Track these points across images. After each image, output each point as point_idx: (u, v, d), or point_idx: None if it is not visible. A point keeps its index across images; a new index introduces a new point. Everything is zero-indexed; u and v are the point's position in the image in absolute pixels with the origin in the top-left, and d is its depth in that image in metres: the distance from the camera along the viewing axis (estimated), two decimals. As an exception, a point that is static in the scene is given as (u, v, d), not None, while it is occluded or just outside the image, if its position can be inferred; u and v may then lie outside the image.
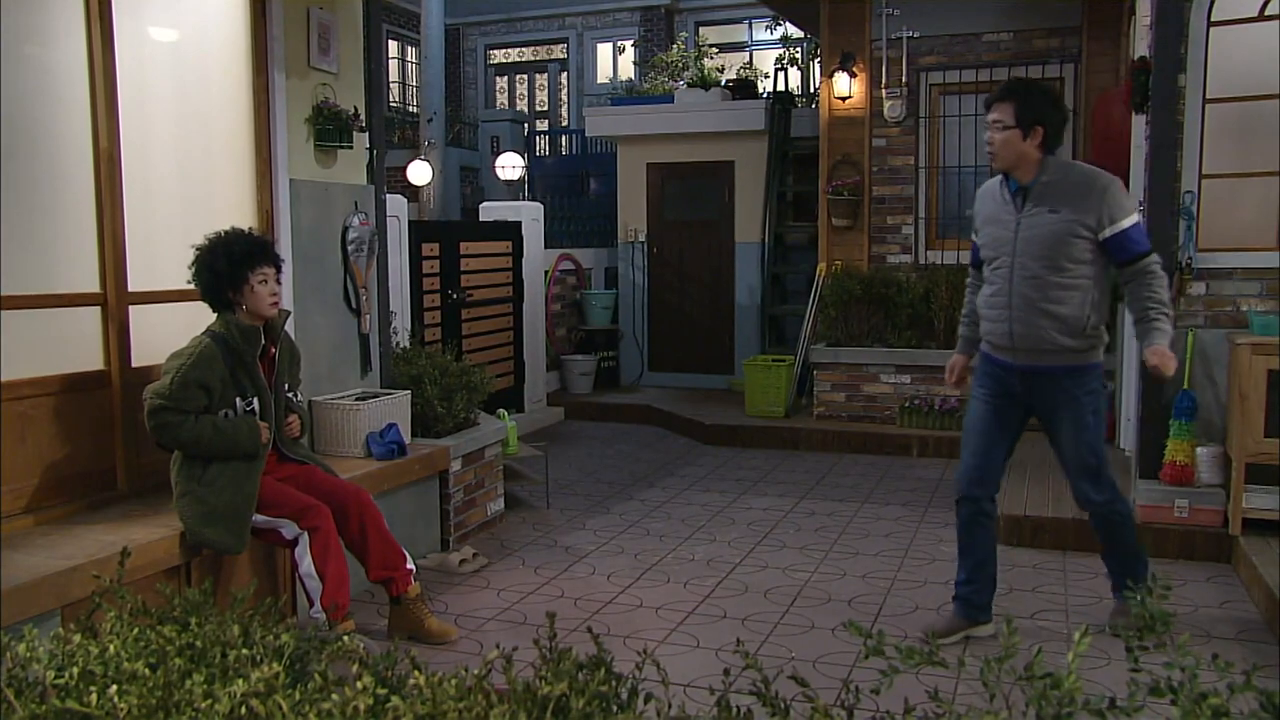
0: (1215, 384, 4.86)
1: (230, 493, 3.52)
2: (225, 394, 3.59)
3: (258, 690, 1.28)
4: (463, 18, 17.25)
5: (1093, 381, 3.67)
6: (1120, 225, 3.52)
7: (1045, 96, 3.61)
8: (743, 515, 5.63)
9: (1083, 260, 3.55)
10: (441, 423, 5.15)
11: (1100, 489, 3.72)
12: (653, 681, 1.35)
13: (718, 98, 9.56)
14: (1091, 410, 3.68)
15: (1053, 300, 3.56)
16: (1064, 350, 3.60)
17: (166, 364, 3.58)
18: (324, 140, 4.75)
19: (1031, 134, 3.53)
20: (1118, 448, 6.38)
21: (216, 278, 3.62)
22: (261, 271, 3.64)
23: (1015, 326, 3.63)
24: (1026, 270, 3.59)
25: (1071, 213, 3.53)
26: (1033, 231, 3.58)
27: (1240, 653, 3.68)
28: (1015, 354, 3.68)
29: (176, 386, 3.48)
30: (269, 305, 3.67)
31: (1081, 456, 3.71)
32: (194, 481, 3.53)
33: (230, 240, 3.66)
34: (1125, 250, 3.55)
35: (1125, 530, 3.79)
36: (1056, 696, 1.15)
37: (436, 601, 4.27)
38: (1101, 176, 3.58)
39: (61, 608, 3.07)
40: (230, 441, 3.55)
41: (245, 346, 3.64)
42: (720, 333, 9.67)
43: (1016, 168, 3.60)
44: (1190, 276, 4.86)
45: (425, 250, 6.72)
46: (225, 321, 3.64)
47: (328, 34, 4.78)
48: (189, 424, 3.49)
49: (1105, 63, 7.40)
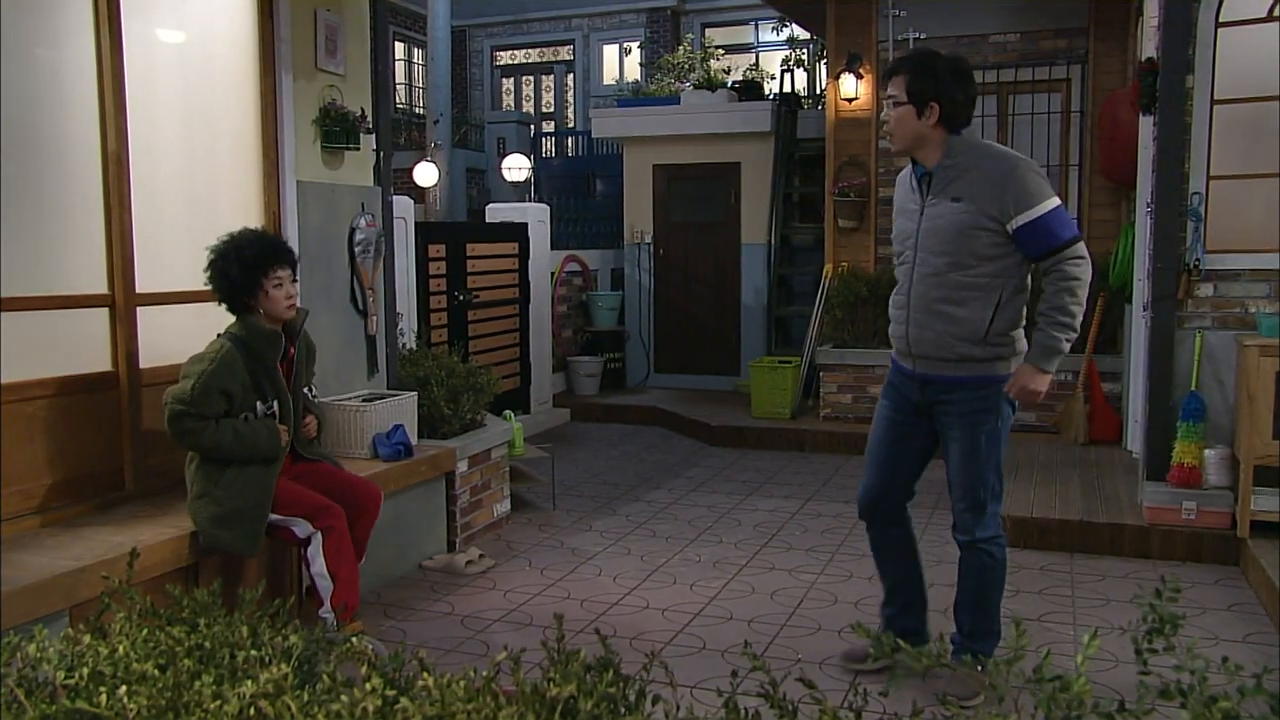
0: (1223, 386, 4.85)
1: (246, 496, 3.52)
2: (246, 398, 3.57)
3: (266, 691, 1.28)
4: (469, 19, 17.27)
5: (990, 399, 3.20)
6: (1030, 214, 3.06)
7: (945, 69, 3.13)
8: (749, 517, 5.63)
9: (989, 256, 3.11)
10: (448, 424, 5.15)
11: (984, 525, 3.28)
12: (660, 683, 1.35)
13: (724, 99, 9.56)
14: (986, 432, 3.22)
15: (952, 301, 3.15)
16: (963, 360, 3.17)
17: (187, 368, 3.55)
18: (331, 142, 4.76)
19: (927, 111, 3.11)
20: (1125, 449, 6.37)
21: (230, 285, 3.58)
22: (276, 275, 3.59)
23: (912, 330, 3.24)
24: (927, 266, 3.19)
25: (974, 201, 3.09)
26: (934, 223, 3.17)
27: (1249, 655, 3.67)
28: (913, 360, 3.29)
29: (198, 393, 3.45)
30: (285, 308, 3.63)
31: (968, 483, 3.26)
32: (211, 483, 3.52)
33: (241, 244, 3.61)
34: (1036, 243, 3.10)
35: (992, 582, 3.33)
36: (1066, 699, 1.14)
37: (443, 602, 4.28)
38: (1008, 159, 3.15)
39: (70, 608, 3.07)
40: (250, 446, 3.53)
41: (266, 351, 3.60)
42: (726, 334, 9.67)
43: (917, 150, 3.20)
44: (1198, 278, 4.85)
45: (431, 252, 6.72)
46: (245, 325, 3.61)
47: (335, 36, 4.79)
48: (210, 429, 3.47)
49: (1113, 64, 7.39)
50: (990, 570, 3.31)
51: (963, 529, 3.31)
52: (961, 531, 3.32)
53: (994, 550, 3.30)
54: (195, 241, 4.28)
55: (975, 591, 3.33)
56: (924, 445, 3.38)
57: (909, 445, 3.38)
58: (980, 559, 3.30)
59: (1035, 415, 7.22)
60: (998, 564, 3.32)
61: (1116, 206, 7.41)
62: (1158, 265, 4.86)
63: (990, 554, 3.30)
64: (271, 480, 3.58)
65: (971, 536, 3.29)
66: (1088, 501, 5.23)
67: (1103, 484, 5.61)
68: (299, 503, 3.62)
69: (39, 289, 3.61)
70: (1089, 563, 4.70)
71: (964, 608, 3.37)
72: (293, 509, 3.61)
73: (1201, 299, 4.89)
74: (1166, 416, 4.84)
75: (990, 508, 3.28)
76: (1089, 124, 7.47)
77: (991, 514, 3.29)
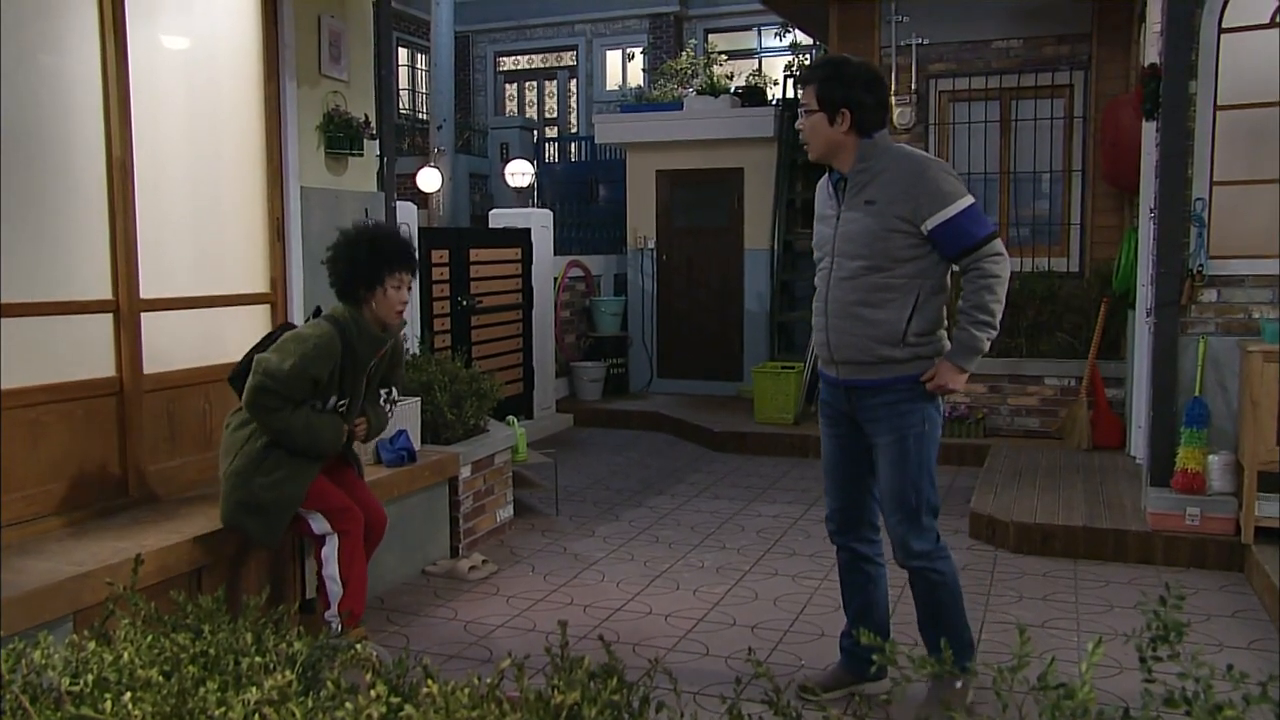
0: (1226, 391, 4.84)
1: (284, 491, 3.46)
2: (326, 390, 3.50)
3: (271, 698, 1.28)
4: (472, 25, 17.31)
5: (913, 400, 3.13)
6: (943, 215, 3.02)
7: (853, 75, 3.11)
8: (752, 522, 5.62)
9: (905, 258, 3.08)
10: (451, 429, 5.16)
11: (920, 537, 3.16)
12: (664, 690, 1.35)
13: (727, 105, 9.57)
14: (914, 435, 3.13)
15: (868, 304, 3.10)
16: (883, 361, 3.12)
17: (285, 343, 3.44)
18: (334, 148, 4.77)
19: (839, 118, 3.09)
20: (1128, 455, 6.36)
21: (354, 268, 3.48)
22: (399, 276, 3.51)
23: (831, 335, 3.19)
24: (843, 270, 3.15)
25: (887, 204, 3.07)
26: (849, 227, 3.14)
27: (1254, 662, 3.66)
28: (837, 367, 3.22)
29: (292, 374, 3.36)
30: (395, 314, 3.55)
31: (898, 492, 3.15)
32: (254, 468, 3.45)
33: (379, 235, 3.53)
34: (951, 243, 3.05)
35: (945, 595, 3.20)
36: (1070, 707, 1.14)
37: (446, 608, 4.28)
38: (918, 161, 3.12)
39: (73, 614, 3.07)
40: (315, 439, 3.46)
41: (365, 351, 3.51)
42: (729, 339, 9.67)
43: (833, 156, 3.17)
44: (1201, 283, 4.85)
45: (435, 257, 6.72)
46: (352, 316, 3.50)
47: (339, 42, 4.80)
48: (286, 412, 3.39)
49: (1115, 69, 7.39)
50: (940, 588, 3.20)
51: (899, 546, 3.19)
52: (899, 550, 3.20)
53: (938, 566, 3.18)
54: (199, 247, 4.30)
55: (932, 612, 3.23)
56: (869, 458, 3.27)
57: (854, 460, 3.30)
58: (926, 578, 3.19)
59: (1039, 421, 7.22)
60: (947, 578, 3.20)
61: (1119, 212, 7.40)
62: (1161, 271, 4.86)
63: (935, 570, 3.18)
64: (311, 479, 3.51)
65: (908, 552, 3.17)
66: (1091, 507, 5.22)
67: (1106, 490, 5.60)
68: (324, 498, 3.56)
69: (43, 294, 3.61)
70: (1092, 569, 4.69)
71: (926, 629, 3.27)
72: (316, 503, 3.54)
73: (1205, 304, 4.89)
74: (1170, 422, 4.84)
75: (925, 519, 3.16)
76: (1092, 129, 7.47)
77: (928, 526, 3.17)
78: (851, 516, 3.34)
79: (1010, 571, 4.69)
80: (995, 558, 4.89)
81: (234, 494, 3.48)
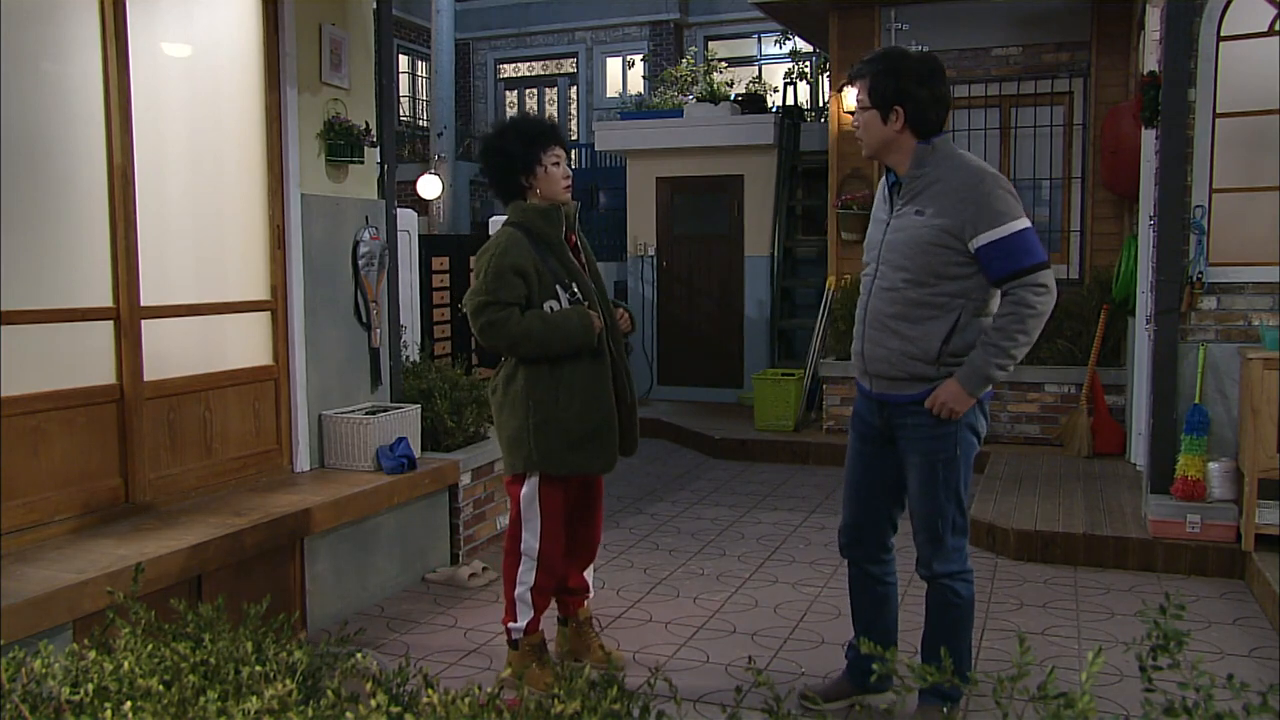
0: (1227, 398, 4.84)
1: (594, 415, 3.40)
2: (543, 281, 3.38)
3: (271, 708, 1.28)
4: (473, 32, 17.34)
5: (947, 423, 2.98)
6: (994, 234, 2.85)
7: (908, 69, 2.94)
8: (752, 530, 5.62)
9: (949, 275, 2.91)
10: (451, 436, 5.16)
11: (944, 559, 3.06)
12: (664, 698, 1.35)
13: (727, 112, 9.59)
14: (943, 460, 3.00)
15: (907, 319, 2.96)
16: (915, 379, 2.98)
17: (475, 264, 3.43)
18: (335, 155, 4.77)
19: (892, 115, 2.94)
20: (1129, 462, 6.36)
21: (509, 160, 3.43)
22: (554, 152, 3.46)
23: (866, 346, 3.07)
24: (885, 280, 3.01)
25: (938, 215, 2.90)
26: (896, 236, 2.99)
27: (1255, 670, 3.66)
28: (870, 380, 3.10)
29: (492, 278, 3.31)
30: (563, 188, 3.49)
31: (927, 514, 3.05)
32: (553, 406, 3.37)
33: (519, 123, 3.51)
34: (998, 264, 2.87)
35: (957, 622, 3.10)
36: (1070, 716, 1.14)
37: (446, 615, 4.27)
38: (974, 172, 2.93)
39: (73, 621, 3.07)
40: (562, 332, 3.34)
41: (547, 227, 3.43)
42: (729, 346, 9.67)
43: (886, 155, 3.03)
44: (1201, 291, 4.85)
45: (435, 264, 6.75)
46: (519, 209, 3.46)
47: (340, 49, 4.81)
48: (515, 318, 3.31)
49: (1115, 77, 7.40)
50: (954, 609, 3.09)
51: (921, 562, 3.12)
52: (921, 565, 3.13)
53: (957, 587, 3.08)
54: (200, 255, 4.31)
55: (939, 630, 3.10)
56: (896, 476, 3.16)
57: (880, 477, 3.18)
58: (943, 595, 3.10)
59: (1039, 428, 7.22)
60: (963, 602, 3.09)
61: (1119, 220, 7.41)
62: (1161, 278, 4.86)
63: (954, 590, 3.08)
64: (607, 389, 3.43)
65: (930, 571, 3.09)
66: (1091, 515, 5.22)
67: (1106, 497, 5.60)
68: (565, 527, 3.51)
69: (44, 302, 3.61)
70: (1093, 576, 4.69)
71: (929, 647, 3.14)
72: (552, 520, 3.46)
73: (1205, 312, 4.89)
74: (1170, 429, 4.84)
75: (950, 542, 3.06)
76: (1091, 137, 7.48)
77: (953, 549, 3.06)
78: (865, 534, 3.25)
79: (1010, 579, 4.69)
80: (995, 565, 4.88)
81: (553, 443, 3.37)
